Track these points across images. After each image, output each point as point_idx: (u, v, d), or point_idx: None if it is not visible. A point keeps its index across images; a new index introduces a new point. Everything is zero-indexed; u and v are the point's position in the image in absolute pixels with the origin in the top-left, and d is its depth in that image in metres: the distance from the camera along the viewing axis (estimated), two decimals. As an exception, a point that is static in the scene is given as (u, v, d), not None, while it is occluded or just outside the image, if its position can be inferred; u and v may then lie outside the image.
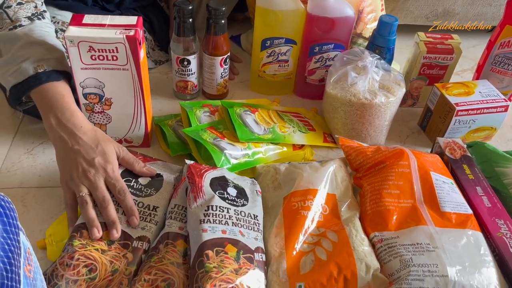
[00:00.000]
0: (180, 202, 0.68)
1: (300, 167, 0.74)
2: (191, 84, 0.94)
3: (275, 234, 0.65)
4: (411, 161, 0.74)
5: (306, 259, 0.62)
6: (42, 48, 0.72)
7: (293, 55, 0.95)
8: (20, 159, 0.80)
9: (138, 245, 0.62)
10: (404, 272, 0.60)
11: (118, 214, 0.64)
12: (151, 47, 1.07)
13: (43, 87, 0.70)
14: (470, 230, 0.66)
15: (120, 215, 0.65)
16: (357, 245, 0.64)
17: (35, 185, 0.76)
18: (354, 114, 0.84)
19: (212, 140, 0.78)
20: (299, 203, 0.68)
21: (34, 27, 0.74)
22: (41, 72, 0.70)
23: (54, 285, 0.57)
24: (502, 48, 0.90)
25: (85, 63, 0.71)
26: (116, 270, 0.59)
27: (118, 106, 0.77)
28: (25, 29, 0.73)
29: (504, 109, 0.86)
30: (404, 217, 0.68)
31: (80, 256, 0.58)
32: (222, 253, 0.58)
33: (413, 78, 0.96)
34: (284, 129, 0.85)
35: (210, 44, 0.89)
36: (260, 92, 1.02)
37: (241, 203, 0.67)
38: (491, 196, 0.73)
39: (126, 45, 0.69)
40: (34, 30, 0.73)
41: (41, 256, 0.65)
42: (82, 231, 0.61)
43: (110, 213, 0.63)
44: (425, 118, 0.94)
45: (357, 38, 1.01)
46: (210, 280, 0.55)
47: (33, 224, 0.69)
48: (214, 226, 0.61)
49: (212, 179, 0.68)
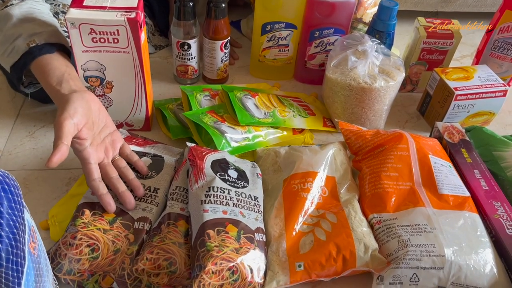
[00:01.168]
0: (182, 184, 0.69)
1: (300, 150, 0.75)
2: (192, 68, 0.94)
3: (275, 215, 0.66)
4: (410, 145, 0.74)
5: (306, 239, 0.63)
6: (33, 24, 0.72)
7: (293, 39, 0.95)
8: (22, 142, 0.81)
9: (139, 226, 0.63)
10: (402, 252, 0.61)
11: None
12: (151, 32, 1.07)
13: (37, 62, 0.69)
14: (467, 212, 0.67)
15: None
16: (356, 226, 0.65)
17: (37, 168, 0.76)
18: (353, 98, 0.84)
19: (212, 123, 0.78)
20: (299, 185, 0.69)
21: (24, 5, 0.74)
22: (33, 46, 0.70)
23: (58, 264, 0.58)
24: (502, 33, 0.90)
25: (86, 45, 0.71)
26: (118, 250, 0.60)
27: (119, 89, 0.77)
28: (16, 7, 0.73)
29: (503, 93, 0.87)
30: (403, 199, 0.69)
31: (83, 236, 0.59)
32: (223, 232, 0.59)
33: (412, 63, 0.97)
34: (284, 113, 0.86)
35: (211, 28, 0.89)
36: (260, 77, 1.02)
37: (242, 185, 0.68)
38: (488, 179, 0.74)
39: (127, 28, 0.69)
40: (25, 8, 0.73)
41: (44, 236, 0.65)
42: (84, 211, 0.62)
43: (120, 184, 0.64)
44: (424, 103, 0.94)
45: (357, 23, 1.01)
46: (212, 259, 0.56)
47: (35, 206, 0.70)
48: (215, 206, 0.62)
49: (213, 161, 0.69)
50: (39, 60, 0.69)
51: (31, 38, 0.70)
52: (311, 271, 0.60)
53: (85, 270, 0.58)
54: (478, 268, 0.61)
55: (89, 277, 0.59)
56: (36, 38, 0.70)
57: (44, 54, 0.69)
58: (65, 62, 0.71)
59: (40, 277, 0.51)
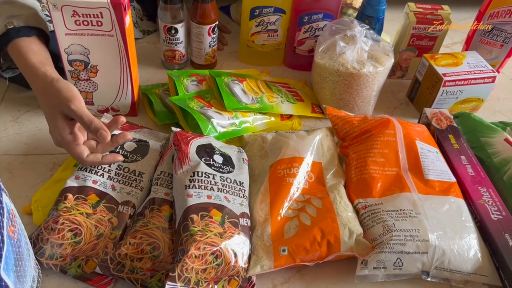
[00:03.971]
0: (167, 169, 0.68)
1: (286, 136, 0.74)
2: (179, 53, 0.93)
3: (260, 201, 0.66)
4: (397, 130, 0.74)
5: (291, 224, 0.63)
6: (12, 6, 0.71)
7: (282, 24, 0.94)
8: (6, 127, 0.80)
9: (123, 210, 0.63)
10: (387, 237, 0.61)
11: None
12: (139, 17, 1.06)
13: (14, 44, 0.69)
14: (452, 198, 0.67)
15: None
16: (341, 211, 0.64)
17: (21, 153, 0.76)
18: (342, 84, 0.83)
19: (199, 108, 0.78)
20: (285, 171, 0.69)
21: None
22: (10, 28, 0.69)
23: (40, 248, 0.58)
24: (492, 19, 0.89)
25: (69, 28, 0.70)
26: (101, 235, 0.60)
27: (104, 73, 0.76)
28: None
29: (492, 80, 0.86)
30: (389, 184, 0.69)
31: (65, 220, 0.59)
32: (207, 217, 0.59)
33: (402, 50, 0.96)
34: (272, 99, 0.85)
35: (198, 12, 0.88)
36: (249, 63, 1.01)
37: (227, 170, 0.68)
38: (475, 165, 0.74)
39: (111, 10, 0.68)
40: None
41: (28, 221, 0.65)
42: (67, 195, 0.61)
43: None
44: (413, 89, 0.94)
45: (347, 9, 1.00)
46: (195, 243, 0.55)
47: (19, 191, 0.69)
48: (199, 191, 0.62)
49: (198, 147, 0.68)
50: (16, 42, 0.68)
51: (10, 20, 0.69)
52: (295, 255, 0.60)
53: (67, 254, 0.58)
54: (462, 252, 0.61)
55: (71, 261, 0.58)
56: (14, 20, 0.69)
57: (21, 37, 0.69)
58: (44, 48, 0.71)
59: (20, 261, 0.50)
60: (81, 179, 0.64)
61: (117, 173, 0.66)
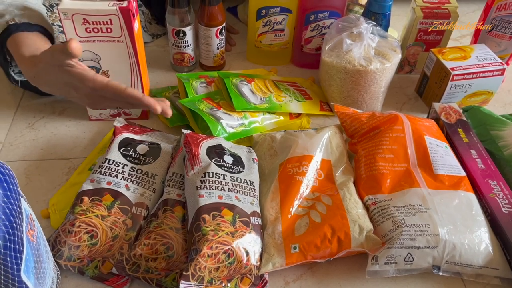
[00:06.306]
0: (178, 170, 0.69)
1: (295, 135, 0.75)
2: (188, 56, 0.95)
3: (271, 199, 0.67)
4: (405, 126, 0.75)
5: (301, 222, 0.64)
6: (17, 8, 0.72)
7: (289, 24, 0.95)
8: (22, 133, 0.82)
9: (137, 212, 0.64)
10: (397, 232, 0.62)
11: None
12: (148, 21, 1.07)
13: (13, 38, 0.69)
14: (462, 192, 0.67)
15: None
16: (351, 208, 0.65)
17: (37, 158, 0.78)
18: (349, 81, 0.84)
19: (208, 110, 0.79)
20: (294, 169, 0.69)
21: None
22: (12, 24, 0.69)
23: (58, 250, 0.60)
24: (499, 11, 0.89)
25: (80, 36, 0.71)
26: (117, 236, 0.61)
27: (115, 78, 0.77)
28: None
29: (501, 72, 0.86)
30: (398, 180, 0.69)
31: (81, 223, 0.61)
32: (219, 217, 0.60)
33: (409, 45, 0.96)
34: (280, 98, 0.86)
35: (205, 14, 0.89)
36: (258, 63, 1.02)
37: (238, 170, 0.69)
38: (485, 159, 0.74)
39: (120, 17, 0.70)
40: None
41: (46, 225, 0.67)
42: (83, 198, 0.63)
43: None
44: (422, 84, 0.94)
45: (353, 6, 1.00)
46: (207, 242, 0.57)
47: (37, 195, 0.71)
48: (210, 191, 0.63)
49: (208, 148, 0.70)
50: (15, 36, 0.68)
51: (13, 17, 0.70)
52: (306, 252, 0.61)
53: (84, 256, 0.60)
54: (472, 246, 0.61)
55: (89, 263, 0.60)
56: (17, 18, 0.70)
57: (21, 31, 0.69)
58: (45, 40, 0.70)
59: (40, 264, 0.52)
60: (96, 181, 0.66)
61: (131, 174, 0.68)
